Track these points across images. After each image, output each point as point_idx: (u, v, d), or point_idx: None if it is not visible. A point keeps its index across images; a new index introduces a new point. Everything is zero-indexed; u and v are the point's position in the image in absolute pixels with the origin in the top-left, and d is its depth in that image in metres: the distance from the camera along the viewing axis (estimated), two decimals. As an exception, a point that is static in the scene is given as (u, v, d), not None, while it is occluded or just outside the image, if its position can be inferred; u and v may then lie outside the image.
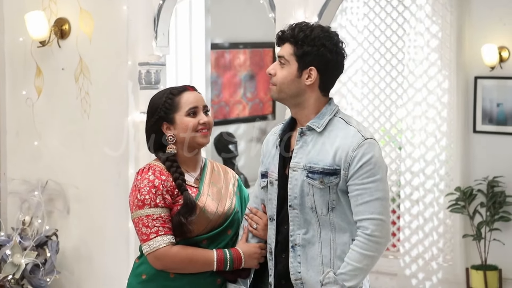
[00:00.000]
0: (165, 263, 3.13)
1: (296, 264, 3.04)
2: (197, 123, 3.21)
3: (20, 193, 5.41)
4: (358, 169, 2.96)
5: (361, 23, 7.22)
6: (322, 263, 3.01)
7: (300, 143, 3.06)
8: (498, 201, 6.64)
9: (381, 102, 7.23)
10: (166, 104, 3.21)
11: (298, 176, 3.02)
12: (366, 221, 2.96)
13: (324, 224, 3.01)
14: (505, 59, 6.77)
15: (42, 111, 5.39)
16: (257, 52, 8.29)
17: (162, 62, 5.15)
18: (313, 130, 3.04)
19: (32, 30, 5.17)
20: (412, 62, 7.00)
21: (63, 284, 5.34)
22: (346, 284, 2.95)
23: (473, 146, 6.95)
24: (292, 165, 3.04)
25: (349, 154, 2.97)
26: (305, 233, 3.03)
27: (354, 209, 2.98)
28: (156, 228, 3.11)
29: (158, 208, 3.13)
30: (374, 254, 2.97)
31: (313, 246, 3.02)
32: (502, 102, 6.82)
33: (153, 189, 3.13)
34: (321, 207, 3.00)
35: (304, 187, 3.01)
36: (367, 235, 2.95)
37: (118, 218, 5.05)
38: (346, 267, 2.96)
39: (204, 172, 3.29)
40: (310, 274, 3.02)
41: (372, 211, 2.95)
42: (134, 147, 5.03)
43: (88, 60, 5.18)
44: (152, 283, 3.18)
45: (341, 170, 2.97)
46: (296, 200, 3.03)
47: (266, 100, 8.42)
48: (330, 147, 3.00)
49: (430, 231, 7.03)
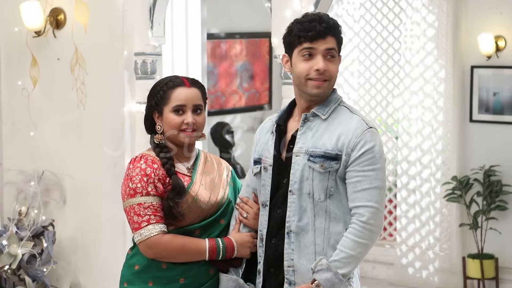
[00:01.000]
0: (157, 251, 3.12)
1: (290, 251, 3.03)
2: (181, 122, 3.18)
3: (16, 184, 5.41)
4: (360, 156, 2.98)
5: (358, 13, 7.22)
6: (315, 252, 3.01)
7: (303, 129, 3.07)
8: (495, 190, 6.65)
9: (377, 92, 7.23)
10: (158, 95, 3.20)
11: (300, 161, 3.03)
12: (363, 208, 2.96)
13: (319, 212, 3.01)
14: (502, 48, 6.76)
15: (38, 102, 5.38)
16: (253, 42, 8.28)
17: (158, 52, 5.14)
18: (318, 116, 3.06)
19: (27, 20, 5.15)
20: (408, 52, 7.00)
21: (60, 274, 5.35)
22: (339, 271, 2.95)
23: (469, 135, 6.95)
24: (296, 151, 3.05)
25: (352, 140, 2.99)
26: (299, 220, 3.02)
27: (351, 196, 2.98)
28: (147, 216, 3.11)
29: (150, 196, 3.12)
30: (368, 242, 2.97)
31: (306, 234, 3.02)
32: (499, 91, 6.82)
33: (144, 177, 3.13)
34: (319, 193, 3.00)
35: (304, 171, 3.02)
36: (362, 223, 2.96)
37: (114, 208, 5.04)
38: (339, 255, 2.96)
39: (197, 162, 3.29)
40: (302, 262, 3.02)
41: (370, 199, 2.96)
42: (130, 137, 5.03)
43: (83, 50, 5.17)
44: (145, 273, 3.18)
45: (342, 156, 2.99)
46: (296, 185, 3.03)
47: (263, 90, 8.41)
48: (333, 133, 3.02)
49: (426, 220, 7.04)
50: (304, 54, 3.03)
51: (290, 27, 3.08)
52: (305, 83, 3.04)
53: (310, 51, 3.02)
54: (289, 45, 3.08)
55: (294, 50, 3.06)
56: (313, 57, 3.02)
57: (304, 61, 3.03)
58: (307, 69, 3.02)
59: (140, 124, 4.98)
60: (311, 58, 3.03)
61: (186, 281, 3.18)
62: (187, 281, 3.18)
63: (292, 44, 3.06)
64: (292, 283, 3.03)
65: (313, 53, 3.02)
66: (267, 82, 8.44)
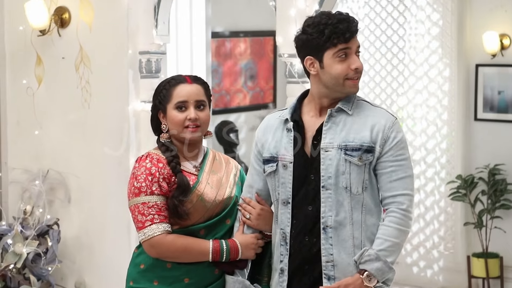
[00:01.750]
0: (160, 251, 3.13)
1: (328, 246, 3.05)
2: (184, 119, 3.19)
3: (21, 183, 5.42)
4: (393, 146, 3.05)
5: (362, 11, 7.21)
6: (354, 245, 3.04)
7: (329, 124, 3.09)
8: (499, 189, 6.64)
9: (382, 90, 7.22)
10: (161, 94, 3.21)
11: (332, 156, 3.05)
12: (401, 197, 3.04)
13: (356, 205, 3.05)
14: (506, 46, 6.75)
15: (43, 100, 5.38)
16: (257, 41, 8.28)
17: (163, 51, 5.14)
18: (342, 111, 3.10)
19: (32, 19, 5.16)
20: (413, 50, 6.99)
21: (65, 273, 5.35)
22: (388, 260, 3.00)
23: (474, 134, 6.94)
24: (324, 146, 3.07)
25: (385, 131, 3.06)
26: (337, 214, 3.05)
27: (387, 185, 3.05)
28: (151, 216, 3.11)
29: (154, 195, 3.13)
30: (408, 230, 3.05)
31: (344, 228, 3.05)
32: (503, 90, 6.81)
33: (149, 176, 3.13)
34: (357, 186, 3.04)
35: (339, 166, 3.04)
36: (403, 210, 3.03)
37: (119, 207, 5.04)
38: (385, 244, 3.01)
39: (205, 161, 3.29)
40: (342, 256, 3.04)
41: (406, 187, 3.05)
42: (135, 136, 5.03)
43: (88, 49, 5.17)
44: (150, 272, 3.19)
45: (376, 147, 3.04)
46: (330, 180, 3.05)
47: (267, 89, 8.41)
48: (364, 126, 3.07)
49: (431, 220, 7.03)
50: (341, 55, 3.06)
51: (321, 30, 3.05)
52: (342, 83, 3.08)
53: (346, 52, 3.06)
54: (318, 48, 3.07)
55: (325, 52, 3.06)
56: (348, 56, 3.07)
57: (341, 62, 3.06)
58: (345, 69, 3.06)
59: (144, 122, 4.98)
60: (346, 58, 3.06)
61: (191, 281, 3.18)
62: (192, 281, 3.18)
63: (323, 46, 3.06)
64: (332, 278, 3.05)
65: (348, 53, 3.06)
66: (271, 80, 8.43)
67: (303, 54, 3.12)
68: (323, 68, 3.07)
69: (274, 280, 3.18)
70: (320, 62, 3.07)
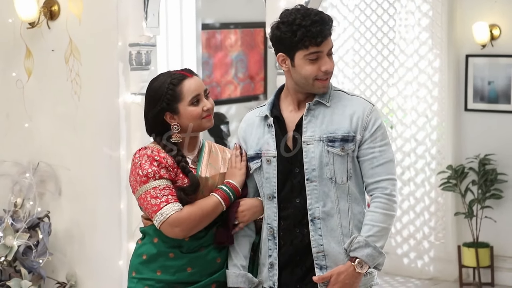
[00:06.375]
0: (184, 227, 3.13)
1: (317, 237, 3.08)
2: (201, 111, 3.22)
3: (11, 175, 5.40)
4: (373, 133, 3.09)
5: (352, 2, 7.21)
6: (342, 234, 3.08)
7: (308, 117, 3.11)
8: (490, 179, 6.67)
9: (372, 81, 7.22)
10: (168, 95, 3.20)
11: (314, 148, 3.08)
12: (385, 182, 3.09)
13: (342, 195, 3.09)
14: (496, 37, 6.77)
15: (33, 93, 5.36)
16: (248, 32, 8.27)
17: (153, 43, 5.12)
18: (321, 104, 3.12)
19: (21, 11, 5.13)
20: (403, 41, 7.00)
21: (56, 266, 5.35)
22: (377, 245, 3.04)
23: (464, 124, 6.96)
24: (305, 139, 3.10)
25: (364, 119, 3.09)
26: (324, 205, 3.08)
27: (369, 172, 3.09)
28: (165, 197, 3.13)
29: (163, 179, 3.15)
30: (394, 213, 3.09)
31: (332, 218, 3.08)
32: (493, 80, 6.83)
33: (155, 162, 3.15)
34: (341, 176, 3.08)
35: (323, 158, 3.07)
36: (387, 195, 3.08)
37: (110, 200, 5.04)
38: (372, 229, 3.05)
39: (202, 153, 3.31)
40: (332, 245, 3.08)
41: (388, 172, 3.10)
42: (125, 128, 5.02)
43: (78, 41, 5.16)
44: (153, 263, 3.20)
45: (356, 136, 3.08)
46: (314, 172, 3.08)
47: (258, 80, 8.41)
48: (343, 116, 3.10)
49: (421, 211, 7.05)
50: (312, 58, 3.06)
51: (293, 30, 3.04)
52: (312, 83, 3.10)
53: (318, 55, 3.06)
54: (290, 47, 3.07)
55: (297, 52, 3.07)
56: (319, 58, 3.07)
57: (311, 63, 3.07)
58: (315, 71, 3.07)
59: (135, 115, 4.98)
60: (317, 60, 3.07)
61: (194, 270, 3.20)
62: (195, 270, 3.20)
63: (294, 47, 3.06)
64: (324, 267, 3.09)
65: (319, 56, 3.07)
66: (262, 72, 8.43)
67: (276, 49, 3.15)
68: (294, 66, 3.10)
69: (263, 275, 3.20)
70: (292, 60, 3.10)
